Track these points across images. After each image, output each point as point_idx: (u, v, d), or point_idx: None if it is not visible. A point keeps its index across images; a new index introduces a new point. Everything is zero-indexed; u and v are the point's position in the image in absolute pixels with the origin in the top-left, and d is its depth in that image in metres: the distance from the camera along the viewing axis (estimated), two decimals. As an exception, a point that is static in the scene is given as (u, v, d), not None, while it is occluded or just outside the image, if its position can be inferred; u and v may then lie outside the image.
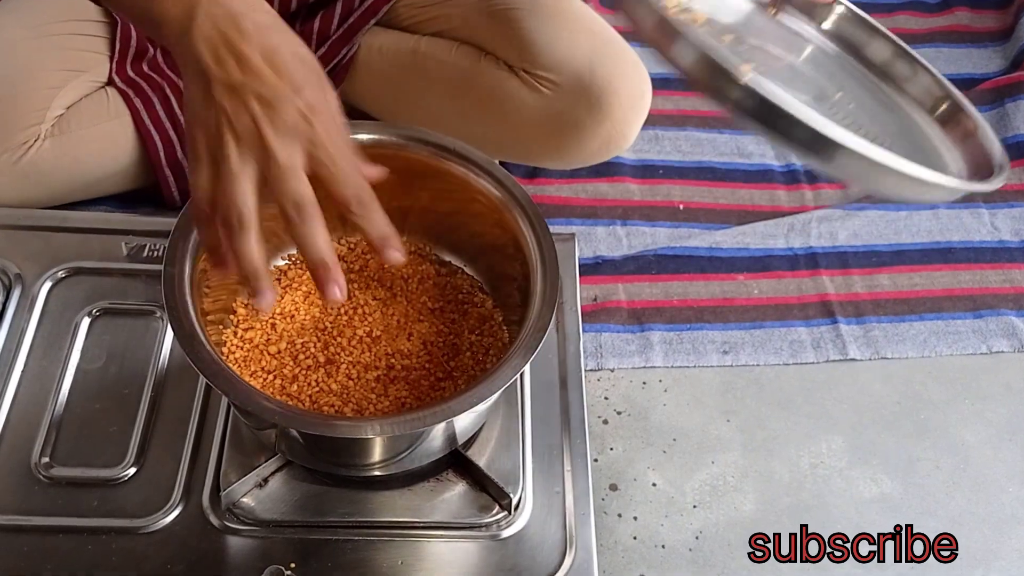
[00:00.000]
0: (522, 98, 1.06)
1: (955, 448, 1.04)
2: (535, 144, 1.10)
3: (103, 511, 0.81)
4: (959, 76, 1.46)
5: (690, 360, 1.08)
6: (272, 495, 0.81)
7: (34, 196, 1.05)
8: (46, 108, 1.03)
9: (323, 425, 0.67)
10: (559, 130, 1.02)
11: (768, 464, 1.01)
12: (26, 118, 1.02)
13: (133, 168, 1.09)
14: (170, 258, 0.72)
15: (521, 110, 1.06)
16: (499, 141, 1.07)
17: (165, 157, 1.07)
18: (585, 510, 0.84)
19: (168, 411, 0.87)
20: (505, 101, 1.07)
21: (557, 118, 1.05)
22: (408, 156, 0.82)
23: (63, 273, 0.95)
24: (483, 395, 0.69)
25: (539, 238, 0.78)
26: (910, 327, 1.13)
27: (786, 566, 0.93)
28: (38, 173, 1.03)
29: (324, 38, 1.08)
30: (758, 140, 1.33)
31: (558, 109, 1.05)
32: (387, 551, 0.80)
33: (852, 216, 1.23)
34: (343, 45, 1.09)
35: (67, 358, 0.89)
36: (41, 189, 1.05)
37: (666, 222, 1.22)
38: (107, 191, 1.11)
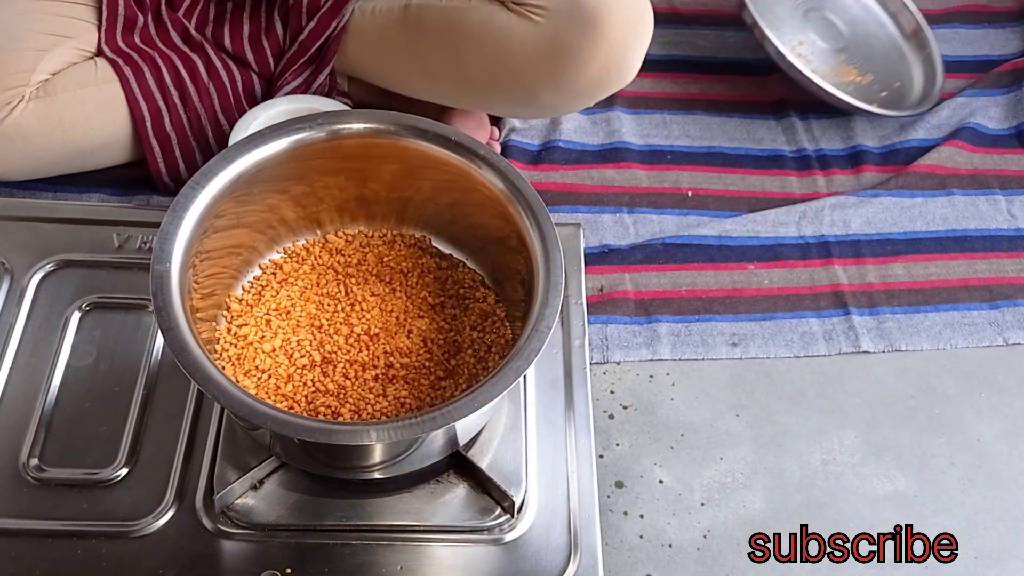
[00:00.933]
0: (513, 29, 1.01)
1: (970, 444, 1.01)
2: (532, 76, 1.04)
3: (93, 514, 0.79)
4: (976, 57, 1.42)
5: (698, 352, 1.05)
6: (268, 497, 0.79)
7: (18, 163, 1.02)
8: (31, 71, 1.00)
9: (318, 431, 0.64)
10: (554, 57, 0.98)
11: (778, 460, 0.98)
12: (9, 79, 0.99)
13: (121, 140, 1.05)
14: (159, 255, 0.69)
15: (513, 42, 1.01)
16: (496, 80, 1.03)
17: (152, 127, 1.04)
18: (590, 512, 0.82)
19: (160, 409, 0.85)
20: (498, 36, 1.02)
21: (551, 45, 1.00)
22: (407, 146, 0.80)
23: (52, 266, 0.93)
24: (485, 399, 0.67)
25: (543, 232, 0.75)
26: (925, 318, 1.10)
27: (796, 566, 0.91)
28: (22, 137, 1.00)
29: (315, 10, 1.05)
30: (769, 125, 1.30)
31: (550, 34, 0.99)
32: (386, 556, 0.78)
33: (866, 203, 1.20)
34: (332, 18, 1.06)
35: (56, 354, 0.87)
36: (26, 157, 1.02)
37: (674, 209, 1.19)
38: (95, 164, 1.07)
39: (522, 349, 0.69)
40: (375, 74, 1.13)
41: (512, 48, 1.02)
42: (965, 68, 1.40)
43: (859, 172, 1.25)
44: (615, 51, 1.01)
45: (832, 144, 1.28)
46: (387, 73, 1.12)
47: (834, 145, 1.28)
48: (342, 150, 0.78)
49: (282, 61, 1.07)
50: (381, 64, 1.12)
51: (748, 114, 1.31)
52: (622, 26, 1.00)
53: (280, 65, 1.08)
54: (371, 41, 1.10)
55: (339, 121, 0.77)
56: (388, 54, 1.10)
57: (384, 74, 1.12)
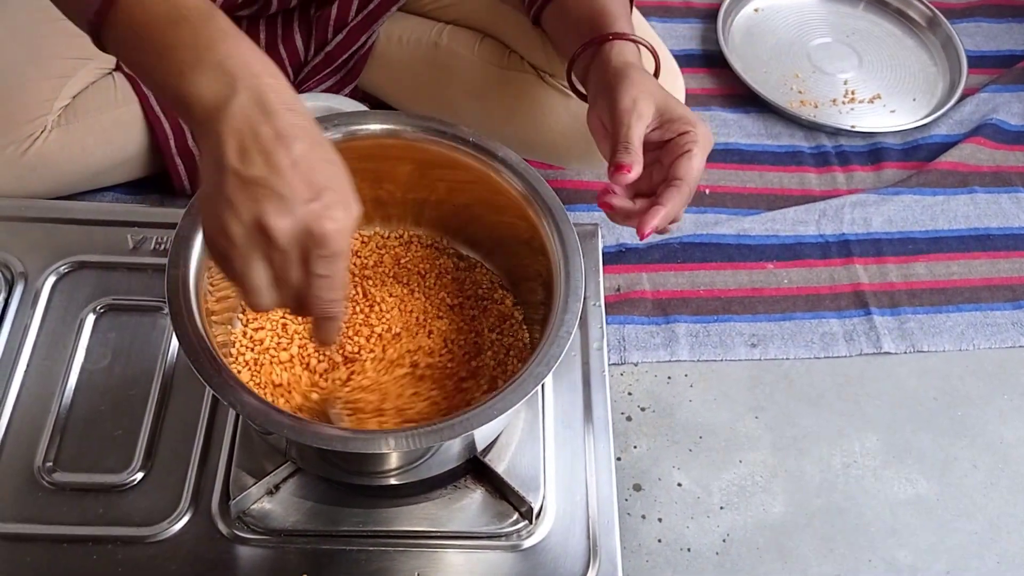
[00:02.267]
0: (550, 104, 1.02)
1: (993, 446, 1.00)
2: (564, 147, 1.05)
3: (108, 519, 0.78)
4: (999, 53, 1.40)
5: (717, 353, 1.04)
6: (284, 503, 0.78)
7: (40, 188, 1.01)
8: (54, 98, 0.99)
9: (335, 439, 0.64)
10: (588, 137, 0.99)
11: (798, 463, 0.97)
12: (33, 109, 0.98)
13: (142, 156, 1.05)
14: (174, 259, 0.69)
15: (548, 115, 1.02)
16: (527, 142, 1.03)
17: (175, 144, 1.04)
18: (609, 517, 0.81)
19: (176, 413, 0.84)
20: (532, 105, 1.02)
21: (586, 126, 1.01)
22: (424, 147, 0.78)
23: (66, 268, 0.92)
24: (505, 406, 0.66)
25: (562, 236, 0.74)
26: (947, 318, 1.09)
27: (816, 571, 0.90)
28: (44, 165, 1.00)
29: (341, 25, 1.03)
30: (787, 120, 1.28)
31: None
32: (403, 562, 0.77)
33: (887, 201, 1.18)
34: (362, 33, 1.04)
35: (71, 357, 0.86)
36: (47, 181, 1.01)
37: (691, 208, 1.17)
38: (115, 180, 1.07)
39: (542, 355, 0.68)
40: (399, 102, 1.12)
41: (547, 120, 1.02)
42: (988, 63, 1.39)
43: (880, 169, 1.24)
44: None
45: (852, 140, 1.27)
46: (411, 104, 1.11)
47: (854, 141, 1.27)
48: (358, 151, 0.77)
49: (305, 69, 1.06)
50: (406, 94, 1.11)
51: (765, 109, 1.30)
52: None
53: (303, 74, 1.07)
54: (396, 70, 1.10)
55: (355, 122, 0.76)
56: (413, 87, 1.10)
57: (408, 104, 1.11)
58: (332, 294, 0.59)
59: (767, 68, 1.35)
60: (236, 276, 0.57)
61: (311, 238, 0.56)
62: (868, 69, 1.37)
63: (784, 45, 1.39)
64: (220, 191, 0.55)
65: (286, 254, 0.56)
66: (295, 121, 0.56)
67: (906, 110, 1.32)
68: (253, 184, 0.55)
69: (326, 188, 0.56)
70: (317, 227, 0.55)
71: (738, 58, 1.34)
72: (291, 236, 0.55)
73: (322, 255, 0.56)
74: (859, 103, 1.32)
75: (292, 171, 0.55)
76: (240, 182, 0.55)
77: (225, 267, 0.58)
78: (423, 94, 1.09)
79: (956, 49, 1.37)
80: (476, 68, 1.05)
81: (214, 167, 0.56)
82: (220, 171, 0.55)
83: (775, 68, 1.36)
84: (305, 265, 0.57)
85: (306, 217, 0.55)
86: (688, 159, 0.74)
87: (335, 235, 0.56)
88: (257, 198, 0.54)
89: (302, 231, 0.55)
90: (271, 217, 0.54)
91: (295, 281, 0.58)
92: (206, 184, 0.57)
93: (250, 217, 0.55)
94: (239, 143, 0.55)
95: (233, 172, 0.55)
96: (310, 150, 0.56)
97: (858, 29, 1.42)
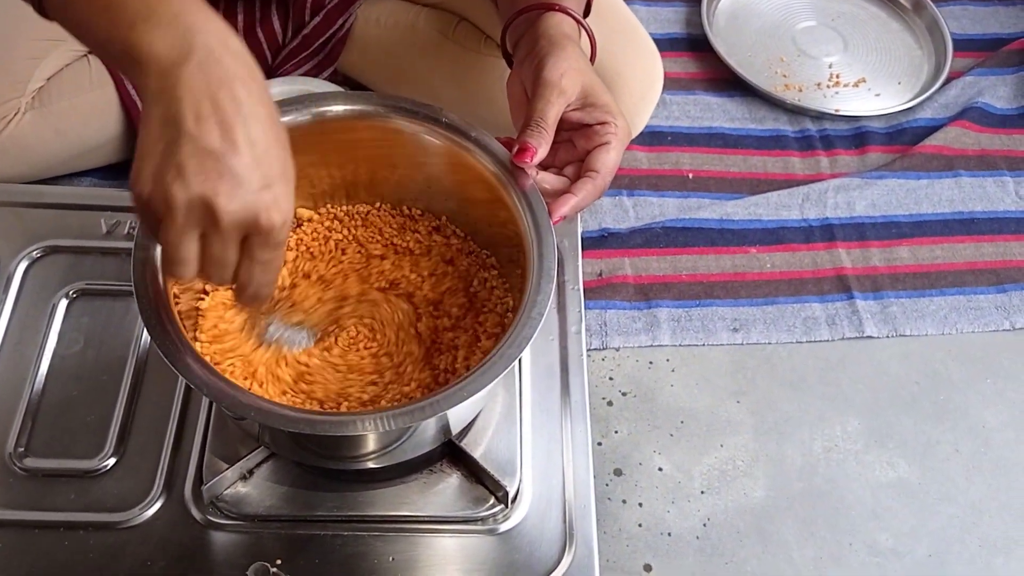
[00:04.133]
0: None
1: (976, 430, 0.99)
2: None
3: (80, 504, 0.77)
4: (984, 36, 1.39)
5: (699, 338, 1.04)
6: (257, 488, 0.78)
7: (14, 172, 1.00)
8: (26, 80, 0.98)
9: (302, 422, 0.63)
10: None
11: (780, 448, 0.97)
12: (5, 91, 0.97)
13: (118, 140, 1.04)
14: (140, 241, 0.68)
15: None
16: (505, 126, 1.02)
17: None
18: (586, 501, 0.80)
19: (149, 398, 0.83)
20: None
21: None
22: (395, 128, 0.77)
23: (39, 252, 0.91)
24: (475, 388, 0.65)
25: (535, 216, 0.72)
26: (930, 302, 1.08)
27: (797, 554, 0.89)
28: (19, 148, 0.99)
29: (319, 7, 1.02)
30: (771, 104, 1.28)
31: None
32: (378, 547, 0.77)
33: (870, 185, 1.18)
34: (339, 15, 1.03)
35: (43, 342, 0.86)
36: (21, 165, 1.01)
37: (675, 192, 1.17)
38: (91, 164, 1.06)
39: (513, 336, 0.67)
40: (378, 85, 1.11)
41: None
42: (974, 47, 1.38)
43: (864, 153, 1.23)
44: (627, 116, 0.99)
45: (836, 124, 1.26)
46: (390, 87, 1.10)
47: (838, 125, 1.26)
48: (327, 133, 0.76)
49: (282, 53, 1.05)
50: (384, 77, 1.10)
51: (749, 93, 1.29)
52: (635, 95, 1.00)
53: (280, 57, 1.05)
54: (374, 53, 1.08)
55: (324, 103, 0.75)
56: (392, 70, 1.09)
57: (387, 87, 1.10)
58: (268, 277, 0.59)
59: (751, 52, 1.35)
60: (164, 243, 0.56)
61: (256, 227, 0.55)
62: (853, 52, 1.36)
63: (769, 28, 1.38)
64: (171, 153, 0.53)
65: (226, 236, 0.55)
66: (253, 89, 0.55)
67: (891, 94, 1.31)
68: (208, 157, 0.53)
69: (278, 177, 0.56)
70: (265, 218, 0.55)
71: (722, 41, 1.33)
72: (236, 222, 0.54)
73: (265, 244, 0.56)
74: (844, 87, 1.31)
75: (248, 152, 0.54)
76: (195, 150, 0.53)
77: (152, 228, 0.56)
78: (402, 77, 1.08)
79: (942, 32, 1.36)
80: (453, 52, 1.04)
81: (164, 125, 0.54)
82: (174, 132, 0.53)
83: (760, 52, 1.35)
84: (242, 249, 0.56)
85: (256, 206, 0.54)
86: (605, 151, 0.73)
87: (281, 228, 0.56)
88: (209, 174, 0.53)
89: (248, 218, 0.55)
90: (221, 198, 0.53)
91: (229, 262, 0.57)
92: (150, 139, 0.54)
93: (199, 191, 0.53)
94: (196, 106, 0.53)
95: (189, 136, 0.53)
96: (267, 129, 0.55)
97: (843, 12, 1.41)
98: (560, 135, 0.75)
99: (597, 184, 0.73)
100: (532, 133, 0.72)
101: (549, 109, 0.73)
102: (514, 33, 0.81)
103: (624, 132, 0.75)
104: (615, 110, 0.75)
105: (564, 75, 0.73)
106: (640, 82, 1.00)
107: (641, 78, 1.00)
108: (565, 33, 0.76)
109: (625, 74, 0.99)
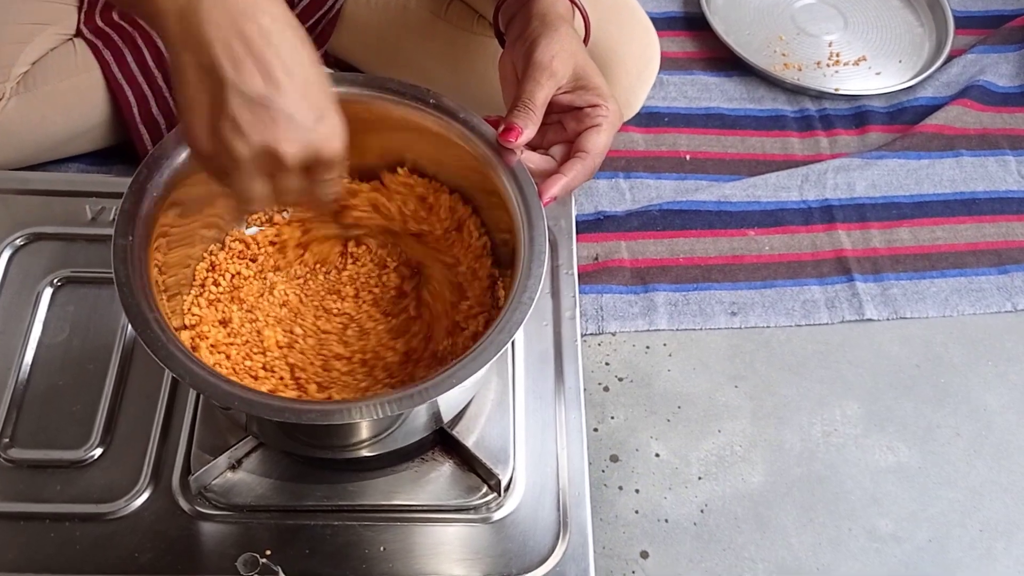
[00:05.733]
0: None
1: (977, 413, 0.98)
2: None
3: (67, 496, 0.76)
4: (987, 13, 1.37)
5: (696, 322, 1.02)
6: (246, 478, 0.77)
7: (1, 159, 0.99)
8: (11, 65, 0.97)
9: (288, 411, 0.61)
10: None
11: (778, 432, 0.95)
12: None
13: (105, 125, 1.03)
14: (121, 228, 0.66)
15: None
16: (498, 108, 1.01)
17: (139, 113, 1.01)
18: (581, 489, 0.79)
19: (135, 387, 0.82)
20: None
21: None
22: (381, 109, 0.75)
23: (23, 240, 0.90)
24: (465, 375, 0.63)
25: (525, 199, 0.71)
26: (931, 284, 1.07)
27: (796, 540, 0.88)
28: (4, 134, 0.98)
29: None
30: (769, 83, 1.26)
31: None
32: (369, 536, 0.76)
33: (871, 165, 1.16)
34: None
35: (28, 331, 0.84)
36: (7, 151, 0.99)
37: (672, 174, 1.15)
38: (78, 150, 1.05)
39: (504, 321, 0.65)
40: (369, 67, 1.10)
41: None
42: (976, 24, 1.35)
43: (864, 133, 1.21)
44: (623, 97, 0.98)
45: (836, 103, 1.24)
46: (381, 69, 1.08)
47: (838, 104, 1.24)
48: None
49: None
50: (375, 58, 1.08)
51: (747, 72, 1.27)
52: (631, 73, 0.99)
53: None
54: (365, 34, 1.07)
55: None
56: (383, 51, 1.07)
57: (378, 69, 1.08)
58: (334, 188, 0.62)
59: (750, 30, 1.32)
60: (237, 190, 0.58)
61: (319, 160, 0.58)
62: (853, 31, 1.34)
63: (768, 7, 1.35)
64: (219, 105, 0.54)
65: (293, 173, 0.58)
66: (276, 14, 0.55)
67: (892, 72, 1.29)
68: (257, 104, 0.54)
69: (326, 104, 0.57)
70: (327, 150, 0.57)
71: (720, 20, 1.31)
72: (300, 160, 0.57)
73: (330, 168, 0.59)
74: (844, 65, 1.29)
75: (292, 88, 0.55)
76: (243, 100, 0.54)
77: (224, 181, 0.58)
78: (393, 58, 1.06)
79: (943, 9, 1.34)
80: (446, 32, 1.02)
81: (202, 73, 0.54)
82: (215, 81, 0.54)
83: (758, 30, 1.33)
84: (307, 176, 0.59)
85: (316, 142, 0.57)
86: (596, 133, 0.73)
87: (340, 153, 0.59)
88: (265, 122, 0.54)
89: (311, 154, 0.57)
90: (283, 144, 0.55)
91: (297, 189, 0.59)
92: (190, 89, 0.55)
93: (260, 141, 0.55)
94: (228, 49, 0.54)
95: (232, 85, 0.54)
96: (300, 54, 0.56)
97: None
98: (549, 117, 0.74)
99: (587, 165, 0.72)
100: (519, 114, 0.71)
101: (538, 91, 0.72)
102: (506, 12, 0.80)
103: (616, 115, 0.74)
104: (607, 93, 0.74)
105: (555, 57, 0.72)
106: (636, 61, 0.98)
107: (637, 56, 0.98)
108: (558, 13, 0.75)
109: (621, 52, 0.97)
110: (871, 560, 0.88)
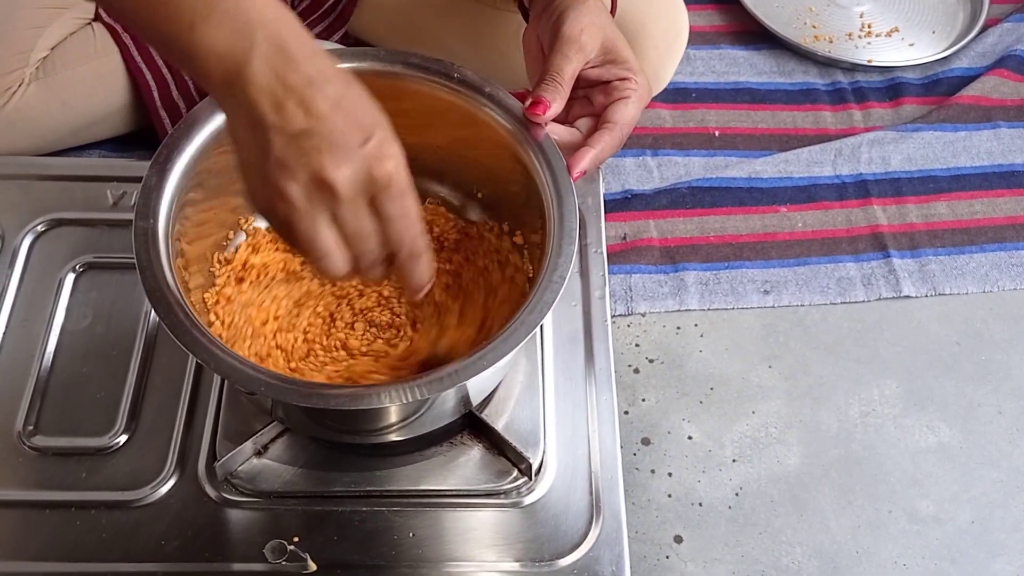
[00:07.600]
0: None
1: (1019, 391, 0.96)
2: None
3: (92, 483, 0.75)
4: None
5: (728, 302, 1.00)
6: (272, 464, 0.75)
7: (21, 145, 0.98)
8: (30, 50, 0.96)
9: (316, 396, 0.60)
10: None
11: (814, 413, 0.93)
12: (8, 62, 0.95)
13: (125, 110, 1.02)
14: (142, 211, 0.65)
15: None
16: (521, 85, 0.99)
17: (159, 97, 1.00)
18: (613, 472, 0.77)
19: (160, 373, 0.81)
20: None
21: None
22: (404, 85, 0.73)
23: (44, 226, 0.89)
24: (495, 357, 0.62)
25: (555, 175, 0.69)
26: (970, 259, 1.04)
27: (835, 523, 0.86)
28: (24, 120, 0.97)
29: None
30: (800, 56, 1.23)
31: None
32: (398, 522, 0.74)
33: (906, 138, 1.13)
34: None
35: (51, 318, 0.83)
36: (28, 137, 0.99)
37: (700, 151, 1.13)
38: (98, 136, 1.04)
39: (534, 302, 0.64)
40: (392, 45, 1.08)
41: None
42: (1012, -9, 1.32)
43: (898, 105, 1.18)
44: (651, 71, 0.96)
45: (869, 76, 1.21)
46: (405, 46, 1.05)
47: (871, 77, 1.21)
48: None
49: None
50: (397, 37, 1.07)
51: (777, 45, 1.24)
52: (659, 47, 0.97)
53: None
54: (387, 12, 1.05)
55: (332, 61, 0.72)
56: (405, 29, 1.05)
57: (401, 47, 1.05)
58: (413, 228, 0.55)
59: (779, 3, 1.29)
60: (304, 242, 0.53)
61: (375, 183, 0.52)
62: (885, 1, 1.30)
63: (796, -22, 1.33)
64: (266, 154, 0.51)
65: (353, 205, 0.52)
66: (321, 65, 0.52)
67: (925, 43, 1.26)
68: (301, 138, 0.50)
69: (373, 125, 0.52)
70: (379, 170, 0.52)
71: (748, -8, 1.28)
72: (354, 185, 0.52)
73: (391, 196, 0.53)
74: (876, 37, 1.26)
75: (336, 114, 0.51)
76: (286, 139, 0.50)
77: (290, 235, 0.53)
78: (415, 36, 1.05)
79: (978, -23, 1.30)
80: (468, 7, 1.00)
81: (250, 129, 0.51)
82: (261, 132, 0.51)
83: (787, 2, 1.30)
84: (375, 211, 0.53)
85: (365, 162, 0.51)
86: (624, 105, 0.70)
87: (398, 172, 0.53)
88: (309, 152, 0.50)
89: (364, 178, 0.52)
90: (329, 170, 0.50)
91: (369, 231, 0.54)
92: (245, 150, 0.52)
93: (307, 174, 0.50)
94: (272, 97, 0.50)
95: (276, 130, 0.50)
96: (345, 89, 0.52)
97: (875, -41, 1.35)
98: (576, 92, 0.72)
99: (615, 136, 0.70)
100: (547, 87, 0.69)
101: (567, 65, 0.70)
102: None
103: (644, 89, 0.72)
104: (636, 67, 0.72)
105: (584, 31, 0.70)
106: (665, 34, 0.96)
107: (666, 29, 0.96)
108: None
109: (648, 26, 0.95)
110: (912, 543, 0.86)
